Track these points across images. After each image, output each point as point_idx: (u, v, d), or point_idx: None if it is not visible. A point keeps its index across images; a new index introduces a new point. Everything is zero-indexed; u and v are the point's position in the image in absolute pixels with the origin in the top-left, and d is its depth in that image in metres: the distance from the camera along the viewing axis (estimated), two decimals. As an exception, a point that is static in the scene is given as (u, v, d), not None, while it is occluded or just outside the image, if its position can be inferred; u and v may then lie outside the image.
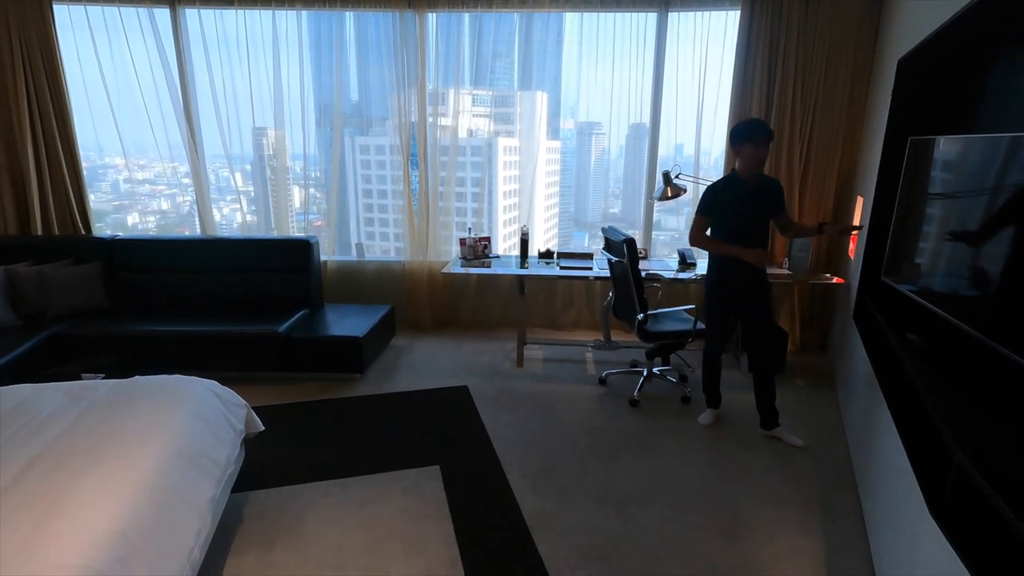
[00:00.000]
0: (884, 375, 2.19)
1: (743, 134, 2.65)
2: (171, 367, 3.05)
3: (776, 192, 2.80)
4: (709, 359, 3.03)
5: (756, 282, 2.80)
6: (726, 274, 2.82)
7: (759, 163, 2.67)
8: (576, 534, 2.19)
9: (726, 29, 3.80)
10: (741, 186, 2.71)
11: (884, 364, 2.27)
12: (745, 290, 2.82)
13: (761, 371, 2.90)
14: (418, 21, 3.90)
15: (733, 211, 2.72)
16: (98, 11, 3.85)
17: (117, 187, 4.69)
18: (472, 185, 4.39)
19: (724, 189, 2.74)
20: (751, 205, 2.72)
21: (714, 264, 2.87)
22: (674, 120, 4.06)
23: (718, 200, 2.73)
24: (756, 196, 2.72)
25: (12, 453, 1.68)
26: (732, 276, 2.80)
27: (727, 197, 2.72)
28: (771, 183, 2.80)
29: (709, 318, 2.97)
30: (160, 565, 1.49)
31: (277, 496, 2.39)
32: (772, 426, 2.91)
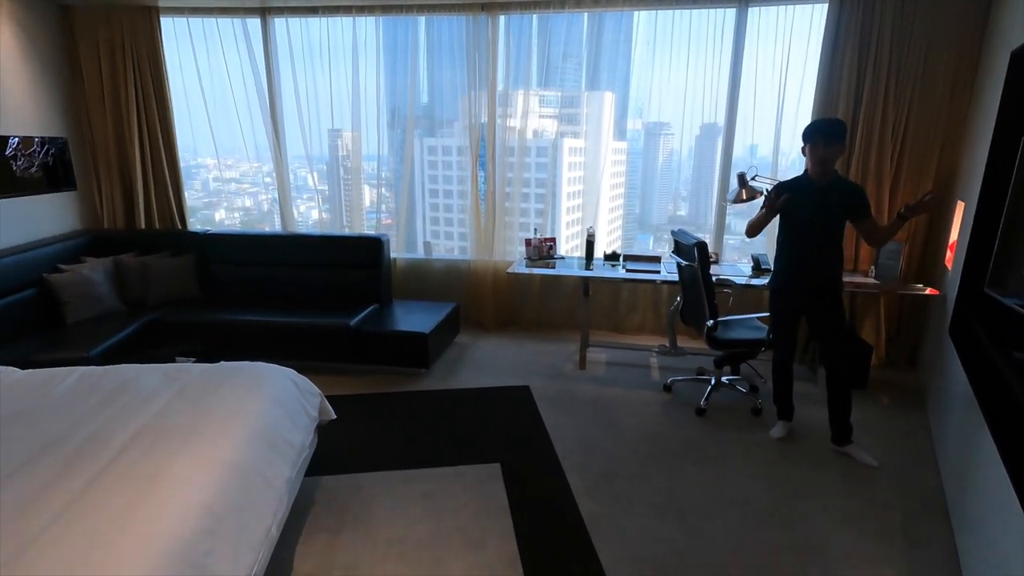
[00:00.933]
0: (986, 397, 2.00)
1: (805, 133, 2.57)
2: (252, 354, 3.26)
3: (852, 195, 2.60)
4: (778, 368, 2.91)
5: (818, 287, 2.66)
6: (785, 278, 2.72)
7: (821, 163, 2.53)
8: (638, 542, 2.14)
9: (811, 24, 3.60)
10: (808, 186, 2.59)
11: (986, 385, 2.07)
12: (806, 296, 2.69)
13: (834, 383, 2.73)
14: (490, 24, 3.95)
15: (796, 211, 2.61)
16: (199, 23, 4.17)
17: (207, 185, 5.04)
18: (536, 186, 4.40)
19: (791, 187, 2.64)
20: (817, 207, 2.58)
21: (774, 267, 2.79)
22: (750, 120, 3.90)
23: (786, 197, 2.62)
24: (824, 198, 2.57)
25: (120, 425, 1.85)
26: (791, 280, 2.70)
27: (792, 198, 2.60)
28: (847, 186, 2.63)
29: (774, 325, 2.87)
30: (241, 540, 1.59)
31: (346, 482, 2.49)
32: (844, 442, 2.74)
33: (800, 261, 2.67)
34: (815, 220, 2.60)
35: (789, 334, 2.87)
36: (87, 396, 2.06)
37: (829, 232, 2.62)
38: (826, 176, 2.58)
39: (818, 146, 2.51)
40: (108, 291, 3.65)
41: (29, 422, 1.89)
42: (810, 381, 3.56)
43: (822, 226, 2.61)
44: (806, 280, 2.67)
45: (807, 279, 2.66)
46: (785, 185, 2.67)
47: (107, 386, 2.14)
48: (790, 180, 2.69)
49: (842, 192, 2.60)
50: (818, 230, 2.61)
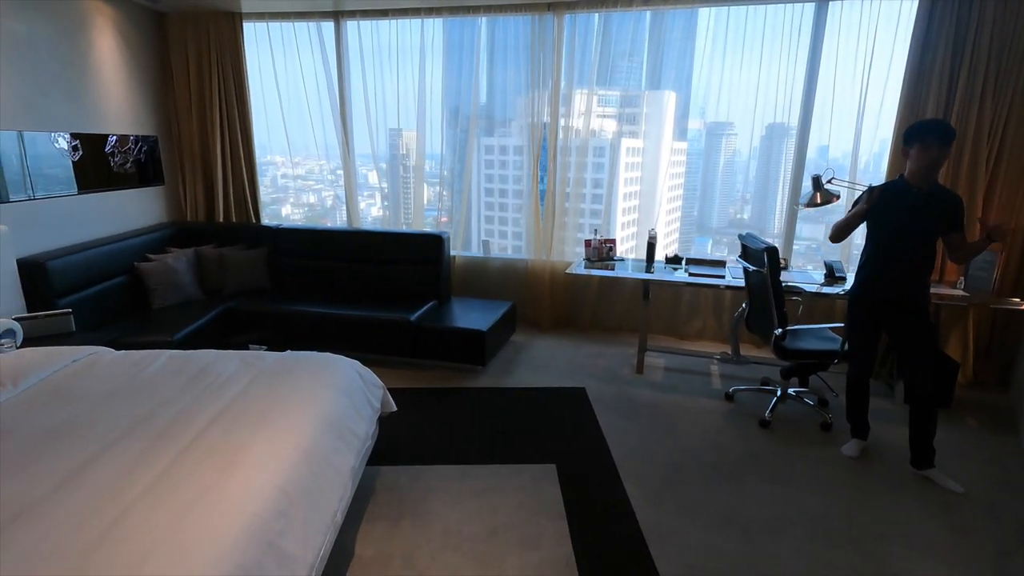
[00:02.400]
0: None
1: (915, 133, 2.36)
2: (316, 344, 3.39)
3: (952, 207, 2.41)
4: (853, 383, 2.74)
5: (905, 298, 2.48)
6: (868, 287, 2.55)
7: (927, 168, 2.34)
8: (698, 556, 2.09)
9: (899, 18, 3.39)
10: (906, 193, 2.41)
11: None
12: (891, 307, 2.51)
13: (917, 402, 2.55)
14: (556, 23, 3.94)
15: (890, 220, 2.43)
16: (277, 27, 4.38)
17: (276, 182, 5.28)
18: (593, 186, 4.35)
19: (884, 193, 2.45)
20: (914, 215, 2.39)
21: (856, 275, 2.62)
22: (826, 120, 3.72)
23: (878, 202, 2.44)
24: (923, 207, 2.38)
25: (203, 406, 1.97)
26: (875, 290, 2.53)
27: (886, 203, 2.43)
28: (949, 196, 2.44)
29: (851, 336, 2.71)
30: (311, 522, 1.66)
31: (404, 473, 2.55)
32: (925, 466, 2.56)
33: (887, 270, 2.50)
34: (910, 228, 2.41)
35: (868, 347, 2.70)
36: (173, 378, 2.21)
37: (923, 242, 2.43)
38: (928, 182, 2.39)
39: (931, 148, 2.31)
40: (190, 280, 3.90)
41: (123, 400, 2.04)
42: (887, 397, 3.35)
43: (917, 235, 2.42)
44: (892, 290, 2.50)
45: (893, 289, 2.49)
46: (879, 189, 2.49)
47: (191, 369, 2.28)
48: (885, 184, 2.53)
49: (943, 201, 2.40)
50: (911, 239, 2.43)
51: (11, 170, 3.19)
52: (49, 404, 2.01)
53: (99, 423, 1.88)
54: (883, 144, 3.62)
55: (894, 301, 2.51)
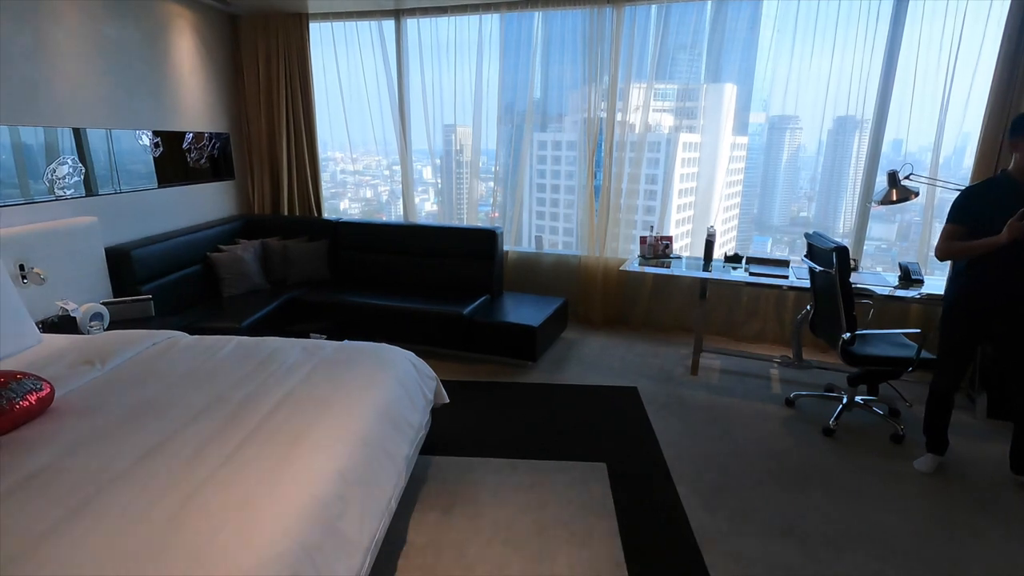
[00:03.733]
0: None
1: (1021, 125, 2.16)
2: (372, 335, 3.49)
3: None
4: (940, 395, 2.53)
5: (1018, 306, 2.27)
6: (982, 294, 2.31)
7: None
8: (753, 564, 2.02)
9: (991, 6, 3.13)
10: (1011, 190, 2.18)
11: None
12: (1000, 317, 2.30)
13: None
14: (615, 15, 3.87)
15: (995, 220, 2.20)
16: (341, 26, 4.51)
17: (335, 177, 5.46)
18: (647, 182, 4.26)
19: (986, 192, 2.24)
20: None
21: (960, 278, 2.37)
22: (905, 113, 3.49)
23: (975, 206, 2.23)
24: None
25: (268, 392, 2.07)
26: (992, 297, 2.29)
27: (989, 202, 2.21)
28: None
29: (947, 345, 2.47)
30: (367, 507, 1.71)
31: (456, 464, 2.59)
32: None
33: (1007, 275, 2.27)
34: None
35: (966, 358, 2.47)
36: (242, 363, 2.33)
37: None
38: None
39: None
40: (256, 270, 4.09)
41: (197, 382, 2.17)
42: (967, 411, 3.13)
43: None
44: (1011, 297, 2.27)
45: (1005, 297, 2.27)
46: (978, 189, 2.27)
47: (259, 355, 2.40)
48: (983, 183, 2.30)
49: None
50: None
51: (100, 165, 3.45)
52: (132, 383, 2.16)
53: (176, 403, 2.00)
54: (965, 138, 3.37)
55: (1012, 308, 2.29)
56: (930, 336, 3.53)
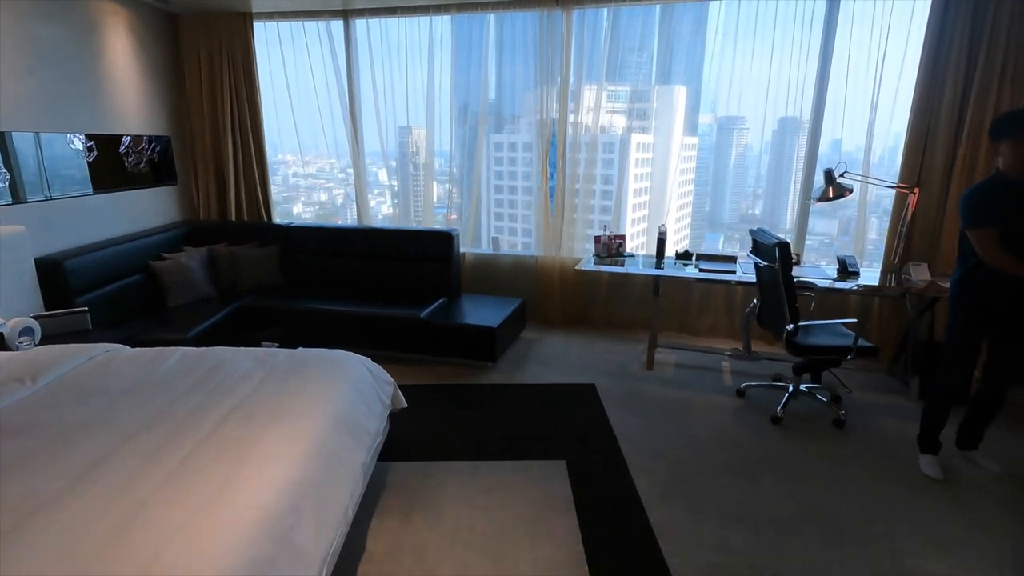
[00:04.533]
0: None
1: (1004, 126, 2.21)
2: (328, 341, 3.41)
3: None
4: (948, 393, 2.52)
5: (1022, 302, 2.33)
6: (997, 293, 2.32)
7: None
8: (709, 551, 2.08)
9: (913, 11, 3.34)
10: (1012, 187, 2.22)
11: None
12: (1014, 308, 2.33)
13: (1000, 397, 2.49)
14: (564, 18, 3.92)
15: (1011, 217, 2.21)
16: (287, 26, 4.40)
17: (287, 180, 5.32)
18: (603, 182, 4.34)
19: (993, 192, 2.26)
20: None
21: (973, 277, 2.36)
22: (838, 114, 3.67)
23: (995, 206, 2.23)
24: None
25: (215, 403, 2.00)
26: (998, 293, 2.32)
27: (1000, 201, 2.23)
28: None
29: (958, 343, 2.45)
30: (322, 517, 1.67)
31: (415, 469, 2.57)
32: (973, 447, 2.61)
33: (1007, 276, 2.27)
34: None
35: (973, 356, 2.46)
36: (188, 375, 2.24)
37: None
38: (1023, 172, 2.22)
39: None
40: (203, 278, 3.94)
41: (139, 396, 2.07)
42: (903, 394, 3.32)
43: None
44: (1008, 298, 2.31)
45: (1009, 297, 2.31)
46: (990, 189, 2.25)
47: (206, 365, 2.31)
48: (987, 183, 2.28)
49: None
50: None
51: (28, 171, 3.25)
52: (67, 400, 2.04)
53: (115, 419, 1.91)
54: (897, 138, 3.57)
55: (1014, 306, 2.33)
56: (866, 325, 3.73)
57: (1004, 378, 2.46)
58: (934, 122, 3.32)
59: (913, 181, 3.40)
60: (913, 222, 3.45)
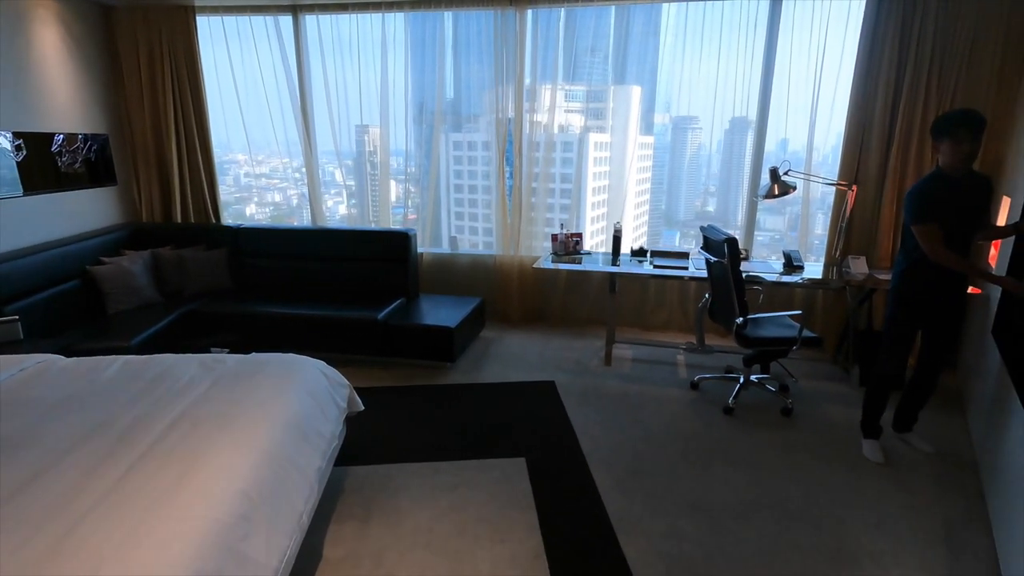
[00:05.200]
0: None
1: (942, 127, 2.31)
2: (282, 345, 3.33)
3: (990, 190, 2.43)
4: (887, 380, 2.65)
5: (963, 289, 2.48)
6: (930, 282, 2.43)
7: (962, 162, 2.29)
8: (665, 540, 2.13)
9: (849, 13, 3.50)
10: (953, 184, 2.34)
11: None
12: (949, 298, 2.47)
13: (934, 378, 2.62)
14: (518, 18, 3.94)
15: (948, 215, 2.31)
16: (233, 21, 4.26)
17: (239, 180, 5.16)
18: (562, 181, 4.38)
19: (935, 189, 2.36)
20: (964, 206, 2.34)
21: (912, 270, 2.46)
22: (783, 114, 3.82)
23: (937, 202, 2.33)
24: (970, 195, 2.35)
25: (160, 412, 1.91)
26: (939, 288, 2.44)
27: (941, 198, 2.34)
28: (983, 179, 2.43)
29: (896, 332, 2.57)
30: (275, 525, 1.63)
31: (374, 473, 2.53)
32: (908, 430, 2.76)
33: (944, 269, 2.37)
34: (967, 219, 2.36)
35: (909, 344, 2.59)
36: (129, 384, 2.14)
37: (975, 228, 2.42)
38: (965, 170, 2.34)
39: (963, 143, 2.24)
40: (147, 283, 3.77)
41: (75, 408, 1.96)
42: (844, 382, 3.48)
43: (972, 225, 2.39)
44: (954, 286, 2.43)
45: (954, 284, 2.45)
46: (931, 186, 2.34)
47: (148, 374, 2.21)
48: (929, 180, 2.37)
49: (985, 185, 2.40)
50: (970, 231, 2.39)
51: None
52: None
53: (49, 433, 1.80)
54: (839, 137, 3.72)
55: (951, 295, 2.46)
56: (811, 317, 3.90)
57: (936, 365, 2.62)
58: (868, 124, 3.49)
59: (851, 179, 3.57)
60: (852, 218, 3.62)
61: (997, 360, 2.50)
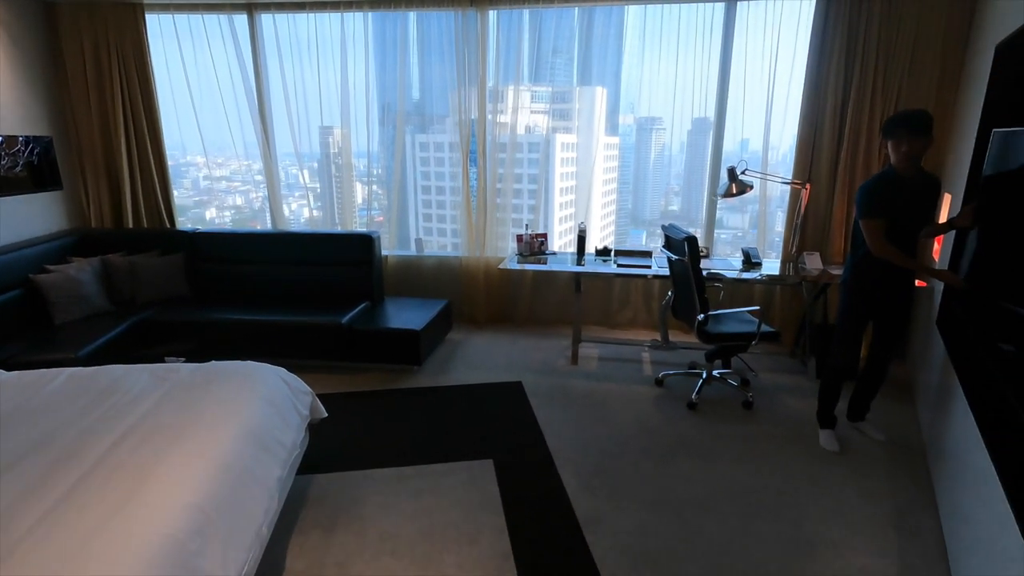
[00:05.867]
0: (971, 388, 2.03)
1: (886, 127, 2.42)
2: (243, 353, 3.23)
3: (938, 190, 2.54)
4: (841, 373, 2.74)
5: (910, 283, 2.59)
6: (885, 278, 2.52)
7: (905, 159, 2.38)
8: (631, 536, 2.15)
9: (800, 18, 3.61)
10: (901, 182, 2.43)
11: (972, 376, 2.10)
12: (897, 291, 2.57)
13: (884, 367, 2.73)
14: (479, 19, 3.93)
15: (895, 211, 2.41)
16: (184, 19, 4.12)
17: (197, 184, 5.00)
18: (529, 182, 4.39)
19: (884, 186, 2.45)
20: (911, 204, 2.42)
21: (863, 264, 2.55)
22: (740, 115, 3.91)
23: (884, 199, 2.43)
24: (918, 193, 2.44)
25: (107, 426, 1.83)
26: (887, 281, 2.54)
27: (889, 195, 2.43)
28: (932, 179, 2.51)
29: (848, 325, 2.66)
30: (232, 539, 1.58)
31: (339, 481, 2.49)
32: (861, 419, 2.87)
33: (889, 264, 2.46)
34: (914, 218, 2.46)
35: (860, 336, 2.70)
36: (75, 397, 2.04)
37: (922, 225, 2.51)
38: (914, 169, 2.44)
39: (903, 141, 2.34)
40: (96, 291, 3.61)
41: (17, 423, 1.87)
42: (801, 374, 3.59)
43: (919, 224, 2.49)
44: (899, 278, 2.53)
45: (902, 278, 2.55)
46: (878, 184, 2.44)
47: (96, 387, 2.12)
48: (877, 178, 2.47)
49: (933, 184, 2.50)
50: (916, 229, 2.49)
51: None
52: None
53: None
54: (793, 138, 3.84)
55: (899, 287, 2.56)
56: (769, 312, 4.01)
57: (886, 356, 2.72)
58: (820, 125, 3.61)
59: (805, 178, 3.68)
60: (806, 216, 3.74)
61: (942, 350, 2.62)
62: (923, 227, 2.54)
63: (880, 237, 2.43)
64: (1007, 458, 1.60)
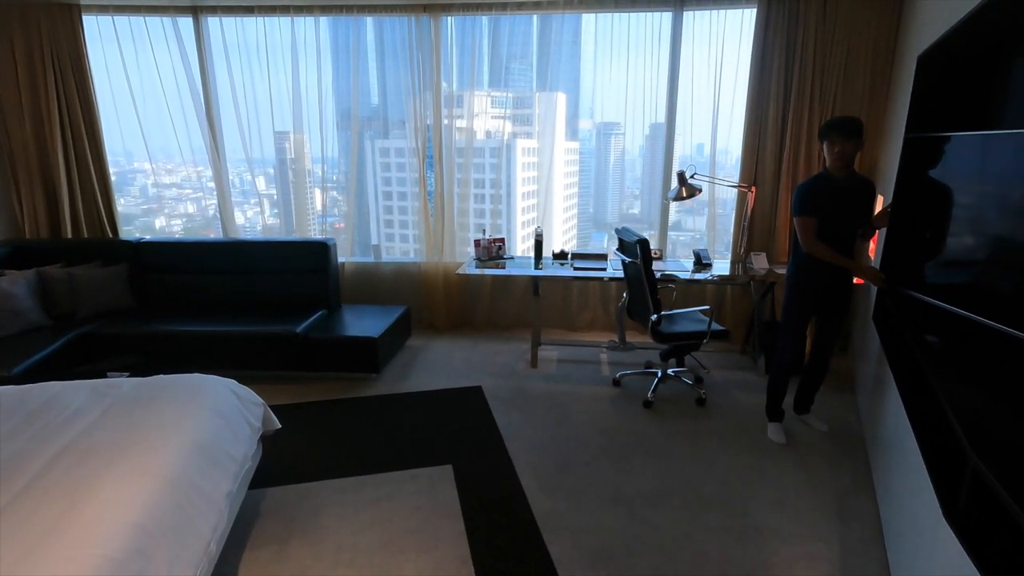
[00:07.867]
0: (902, 378, 2.15)
1: (821, 131, 2.56)
2: (194, 366, 3.13)
3: (871, 192, 2.67)
4: (789, 367, 2.85)
5: (849, 280, 2.72)
6: (824, 275, 2.65)
7: (838, 160, 2.52)
8: (587, 535, 2.19)
9: (742, 28, 3.76)
10: (833, 183, 2.56)
11: (903, 367, 2.23)
12: (836, 288, 2.70)
13: (827, 361, 2.85)
14: (433, 25, 3.94)
15: (827, 211, 2.54)
16: (125, 21, 3.97)
17: (145, 191, 4.82)
18: (490, 187, 4.41)
19: (817, 186, 2.57)
20: (844, 204, 2.55)
21: (805, 262, 2.66)
22: (690, 120, 4.04)
23: (815, 199, 2.55)
24: (850, 195, 2.57)
25: (39, 447, 1.75)
26: (825, 277, 2.66)
27: (821, 195, 2.56)
28: (866, 182, 2.65)
29: (792, 321, 2.78)
30: (178, 557, 1.53)
31: (293, 493, 2.44)
32: (806, 411, 3.00)
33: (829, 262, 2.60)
34: (844, 218, 2.57)
35: (804, 331, 2.81)
36: (6, 417, 1.94)
37: (856, 225, 2.63)
38: (847, 171, 2.57)
39: (835, 144, 2.48)
40: (32, 305, 3.43)
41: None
42: (751, 370, 3.72)
43: (850, 224, 2.60)
44: (839, 275, 2.65)
45: (840, 275, 2.65)
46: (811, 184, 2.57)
47: (29, 406, 2.02)
48: (811, 179, 2.61)
49: (866, 186, 2.63)
50: (847, 229, 2.60)
51: None
52: None
53: (-95, 478, 1.61)
54: (739, 141, 3.98)
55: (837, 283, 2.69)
56: (720, 311, 4.14)
57: (827, 349, 2.86)
58: (763, 130, 3.76)
59: (750, 181, 3.83)
60: (753, 217, 3.88)
61: (877, 343, 2.76)
62: (857, 227, 2.67)
63: (811, 234, 2.56)
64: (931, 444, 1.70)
